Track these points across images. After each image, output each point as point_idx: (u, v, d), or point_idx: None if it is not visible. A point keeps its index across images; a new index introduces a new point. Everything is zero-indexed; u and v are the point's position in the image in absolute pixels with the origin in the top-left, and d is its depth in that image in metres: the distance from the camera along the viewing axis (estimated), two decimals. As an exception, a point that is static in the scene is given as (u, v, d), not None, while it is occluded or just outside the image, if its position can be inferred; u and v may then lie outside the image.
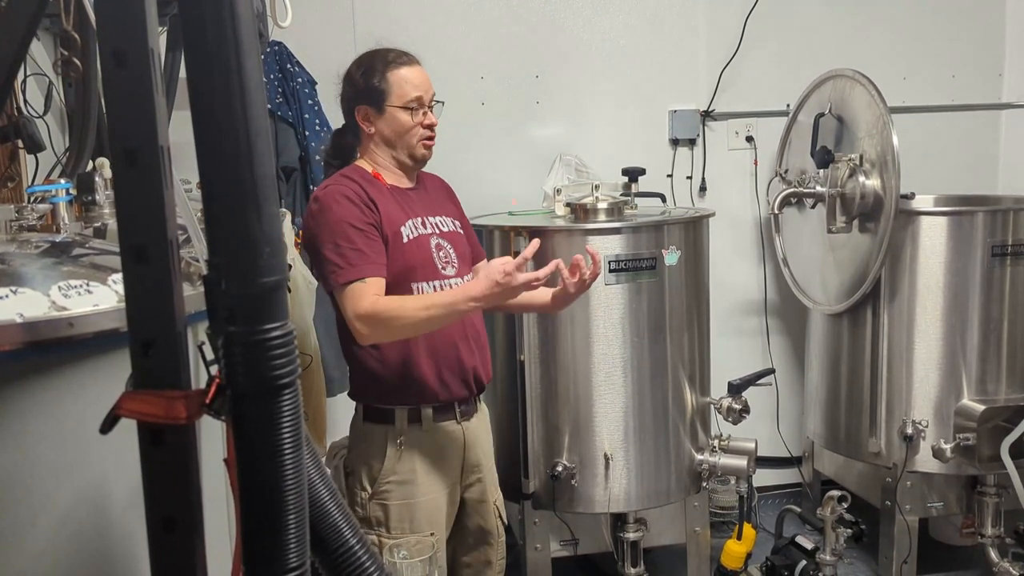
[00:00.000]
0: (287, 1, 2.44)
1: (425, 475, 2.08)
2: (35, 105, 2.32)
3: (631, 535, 2.73)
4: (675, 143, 3.51)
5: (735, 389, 2.84)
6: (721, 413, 2.85)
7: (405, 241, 2.03)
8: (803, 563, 2.88)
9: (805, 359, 3.43)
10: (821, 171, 3.04)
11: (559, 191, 2.89)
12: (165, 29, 2.20)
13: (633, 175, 2.99)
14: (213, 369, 0.88)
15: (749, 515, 3.06)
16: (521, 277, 1.83)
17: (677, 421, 2.72)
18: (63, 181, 1.70)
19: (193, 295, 1.09)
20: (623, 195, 2.92)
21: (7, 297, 1.08)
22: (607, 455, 2.63)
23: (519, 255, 1.85)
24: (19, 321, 1.05)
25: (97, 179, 1.71)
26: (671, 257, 2.65)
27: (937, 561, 3.16)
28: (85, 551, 1.16)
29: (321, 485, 1.07)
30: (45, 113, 2.36)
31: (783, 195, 3.09)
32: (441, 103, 2.12)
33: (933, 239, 2.86)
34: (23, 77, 2.18)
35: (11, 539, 1.09)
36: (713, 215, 2.90)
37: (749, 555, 2.99)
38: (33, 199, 1.72)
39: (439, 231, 2.12)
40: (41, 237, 1.45)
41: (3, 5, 1.51)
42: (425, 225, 2.09)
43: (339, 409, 2.48)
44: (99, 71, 0.89)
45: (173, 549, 0.89)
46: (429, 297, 1.98)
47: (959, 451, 2.80)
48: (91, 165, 1.96)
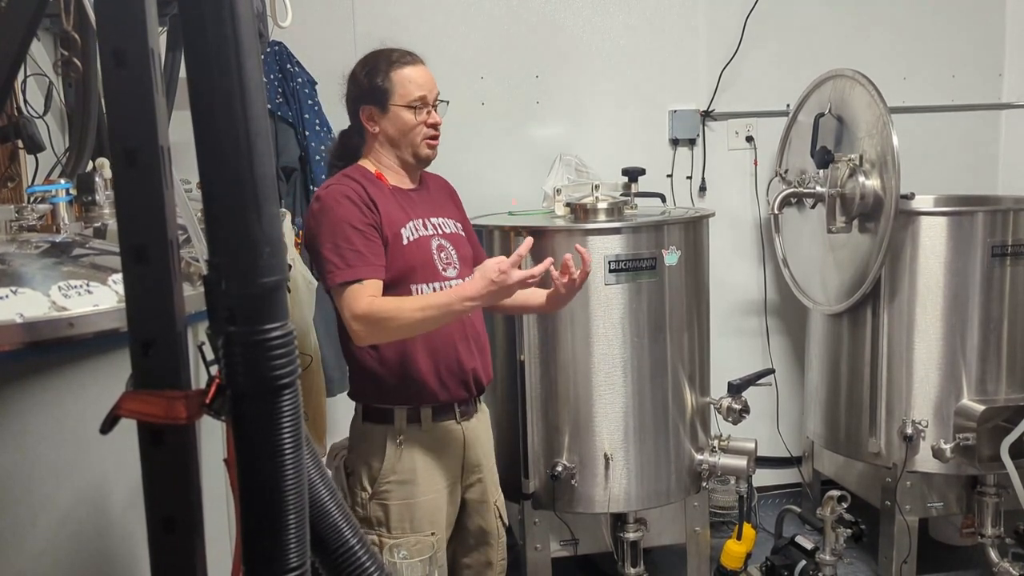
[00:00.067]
0: (287, 1, 2.44)
1: (425, 475, 2.08)
2: (35, 105, 2.32)
3: (631, 535, 2.73)
4: (675, 143, 3.51)
5: (735, 389, 2.84)
6: (721, 413, 2.85)
7: (405, 243, 2.03)
8: (803, 563, 2.88)
9: (805, 359, 3.43)
10: (821, 171, 3.04)
11: (559, 191, 2.89)
12: (165, 29, 2.20)
13: (633, 175, 2.99)
14: (213, 369, 0.88)
15: (749, 515, 3.06)
16: (516, 275, 1.83)
17: (677, 421, 2.72)
18: (63, 181, 1.70)
19: (193, 295, 1.09)
20: (623, 195, 2.92)
21: (7, 297, 1.08)
22: (607, 455, 2.63)
23: (514, 253, 1.85)
24: (19, 321, 1.05)
25: (97, 179, 1.70)
26: (671, 257, 2.65)
27: (937, 561, 3.16)
28: (85, 551, 1.16)
29: (321, 485, 1.07)
30: (45, 113, 2.35)
31: (783, 195, 3.09)
32: (446, 103, 2.12)
33: (933, 239, 2.86)
34: (23, 77, 2.18)
35: (11, 539, 1.09)
36: (713, 215, 2.90)
37: (749, 555, 2.99)
38: (33, 199, 1.71)
39: (441, 232, 2.12)
40: (41, 237, 1.45)
41: (3, 5, 1.51)
42: (427, 226, 2.09)
43: (339, 409, 2.48)
44: (99, 71, 0.89)
45: (173, 549, 0.89)
46: (425, 298, 1.97)
47: (959, 451, 2.80)
48: (91, 165, 1.96)
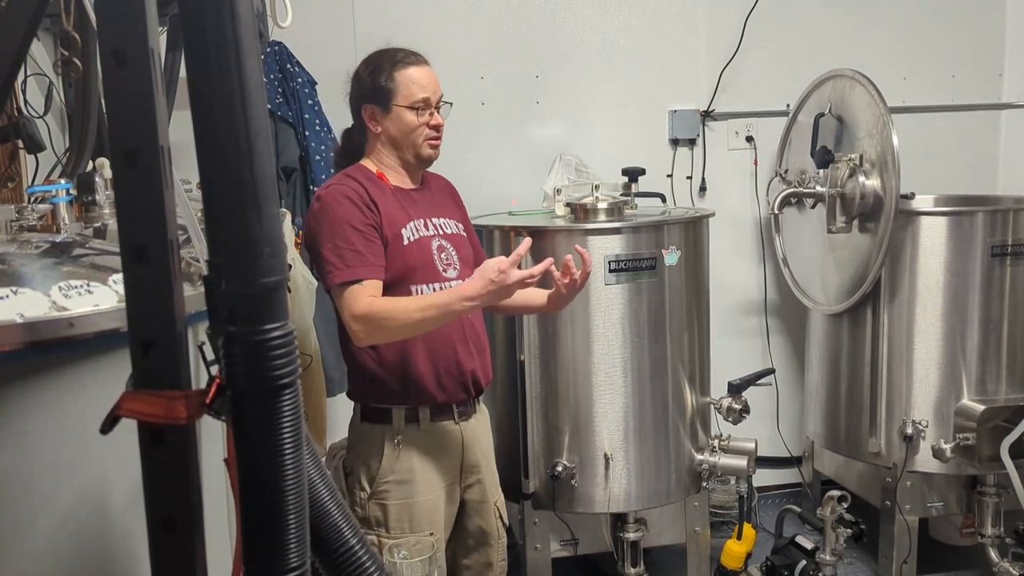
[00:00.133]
0: (287, 1, 2.44)
1: (423, 475, 2.08)
2: (35, 105, 2.32)
3: (631, 535, 2.73)
4: (675, 143, 3.51)
5: (735, 389, 2.84)
6: (721, 413, 2.85)
7: (406, 243, 2.03)
8: (803, 563, 2.88)
9: (805, 359, 3.43)
10: (821, 171, 3.04)
11: (559, 191, 2.89)
12: (165, 29, 2.20)
13: (633, 175, 2.99)
14: (213, 369, 0.88)
15: (749, 515, 3.06)
16: (515, 275, 1.82)
17: (677, 421, 2.72)
18: (63, 181, 1.69)
19: (193, 295, 1.09)
20: (623, 195, 2.91)
21: (7, 297, 1.08)
22: (607, 455, 2.63)
23: (513, 252, 1.85)
24: (19, 321, 1.05)
25: (97, 179, 1.70)
26: (671, 257, 2.65)
27: (937, 561, 3.16)
28: (85, 551, 1.16)
29: (321, 485, 1.07)
30: (45, 113, 2.35)
31: (783, 195, 3.09)
32: (449, 104, 2.12)
33: (933, 239, 2.86)
34: (23, 77, 2.18)
35: (11, 539, 1.09)
36: (713, 215, 2.90)
37: (749, 555, 2.99)
38: (33, 199, 1.71)
39: (441, 233, 2.11)
40: (41, 237, 1.45)
41: (3, 5, 1.51)
42: (427, 227, 2.09)
43: (339, 409, 2.48)
44: (99, 71, 0.89)
45: (173, 549, 0.89)
46: (424, 298, 1.97)
47: (959, 451, 2.80)
48: (91, 165, 1.96)
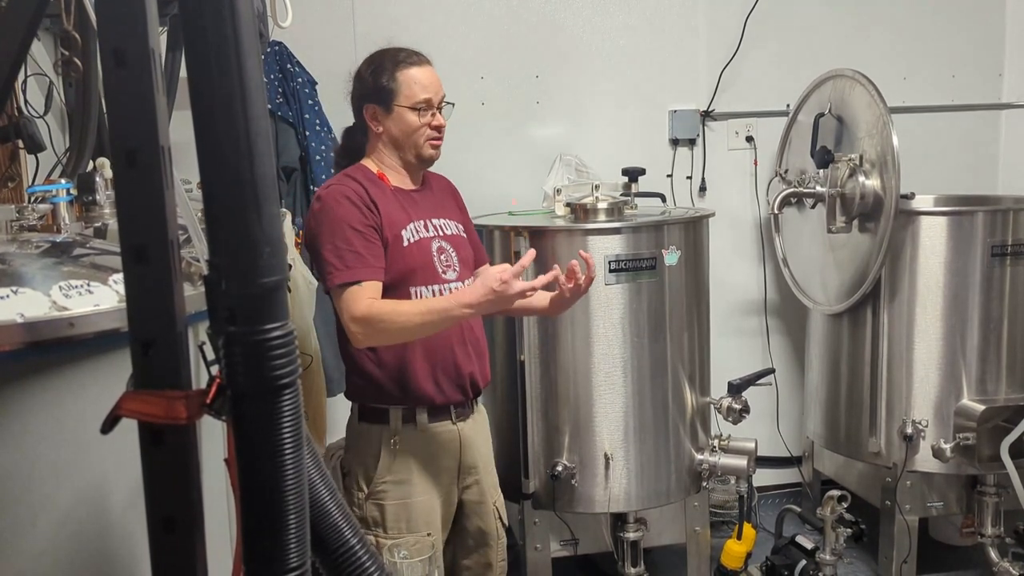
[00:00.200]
0: (287, 1, 2.44)
1: (421, 475, 2.08)
2: (35, 105, 2.32)
3: (631, 535, 2.73)
4: (675, 143, 3.51)
5: (735, 389, 2.84)
6: (721, 413, 2.85)
7: (405, 244, 2.02)
8: (803, 563, 2.88)
9: (805, 359, 3.43)
10: (821, 171, 3.04)
11: (559, 191, 2.89)
12: (165, 29, 2.20)
13: (633, 175, 2.99)
14: (214, 369, 0.88)
15: (749, 515, 3.06)
16: (517, 286, 1.82)
17: (677, 421, 2.72)
18: (63, 181, 1.69)
19: (193, 295, 1.09)
20: (623, 195, 2.91)
21: (8, 297, 1.08)
22: (607, 455, 2.63)
23: (517, 263, 1.84)
24: (20, 321, 1.05)
25: (97, 179, 1.70)
26: (671, 257, 2.65)
27: (937, 561, 3.16)
28: (85, 551, 1.16)
29: (321, 485, 1.07)
30: (45, 113, 2.36)
31: (783, 195, 3.09)
32: (451, 104, 2.12)
33: (933, 239, 2.86)
34: (24, 77, 2.18)
35: (11, 539, 1.09)
36: (713, 215, 2.90)
37: (749, 555, 2.99)
38: (33, 199, 1.71)
39: (442, 234, 2.11)
40: (42, 237, 1.45)
41: (3, 5, 1.51)
42: (427, 228, 2.09)
43: (339, 409, 2.48)
44: (99, 71, 0.89)
45: (173, 549, 0.89)
46: (424, 302, 1.97)
47: (959, 451, 2.80)
48: (91, 165, 1.96)
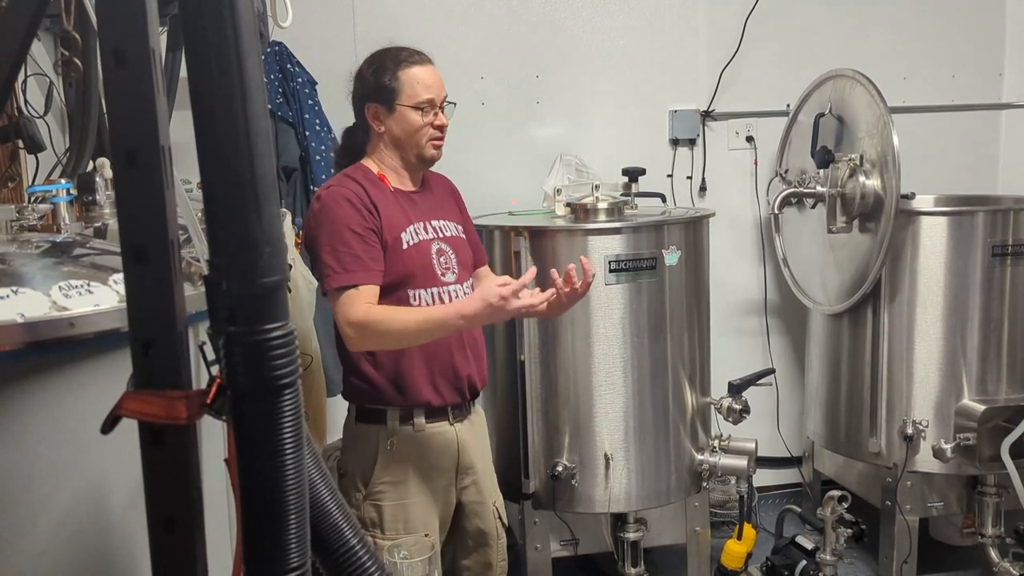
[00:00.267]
0: (287, 1, 2.44)
1: (418, 477, 2.08)
2: (35, 105, 2.32)
3: (631, 535, 2.73)
4: (675, 143, 3.51)
5: (735, 389, 2.84)
6: (721, 413, 2.84)
7: (405, 247, 2.02)
8: (803, 563, 2.88)
9: (805, 359, 3.43)
10: (821, 171, 3.04)
11: (559, 191, 2.89)
12: (165, 29, 2.20)
13: (633, 175, 2.99)
14: (214, 369, 0.88)
15: (749, 515, 3.06)
16: (515, 304, 1.83)
17: (677, 421, 2.72)
18: (63, 181, 1.70)
19: (193, 295, 1.09)
20: (623, 195, 2.91)
21: (8, 297, 1.08)
22: (607, 455, 2.63)
23: (518, 281, 1.84)
24: (20, 321, 1.05)
25: (97, 179, 1.71)
26: (671, 257, 2.65)
27: (937, 561, 3.16)
28: (85, 551, 1.16)
29: (322, 485, 1.07)
30: (46, 113, 2.36)
31: (783, 195, 3.09)
32: (453, 104, 2.11)
33: (933, 239, 2.86)
34: (24, 77, 2.18)
35: (11, 539, 1.09)
36: (713, 215, 2.89)
37: (749, 555, 2.99)
38: (34, 199, 1.72)
39: (441, 235, 2.11)
40: (42, 237, 1.45)
41: (3, 5, 1.51)
42: (427, 230, 2.08)
43: (339, 409, 2.47)
44: (100, 71, 0.89)
45: (173, 549, 0.89)
46: (421, 311, 1.96)
47: (959, 451, 2.80)
48: (91, 165, 1.96)
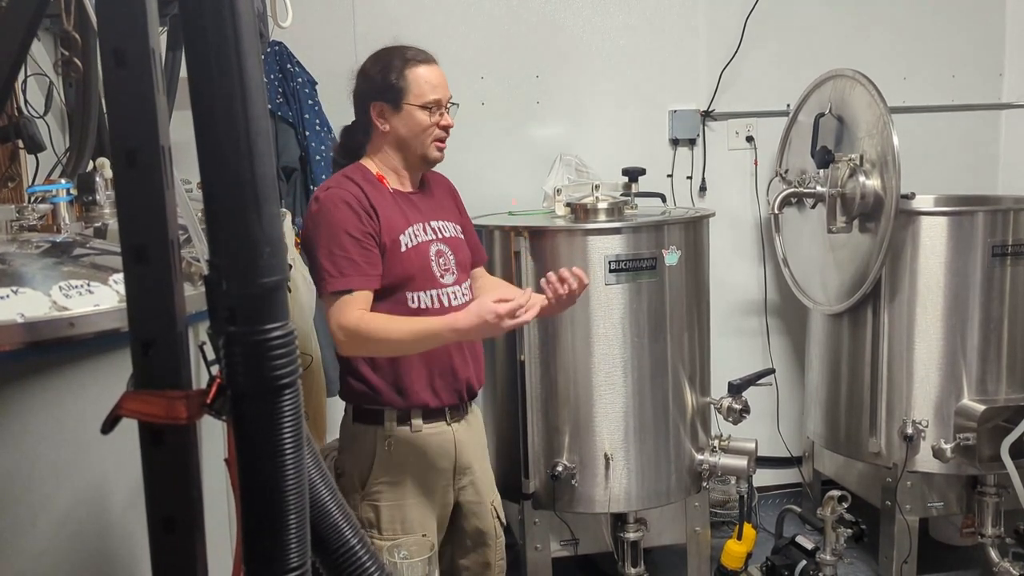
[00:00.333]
0: (287, 1, 2.44)
1: (415, 476, 2.07)
2: (35, 105, 2.32)
3: (631, 535, 2.73)
4: (675, 143, 3.51)
5: (735, 389, 2.84)
6: (721, 413, 2.84)
7: (403, 250, 2.01)
8: (803, 563, 2.88)
9: (805, 359, 3.43)
10: (821, 171, 3.04)
11: (559, 191, 2.89)
12: (165, 29, 2.20)
13: (633, 175, 2.99)
14: (214, 369, 0.88)
15: (749, 515, 3.06)
16: (508, 323, 1.83)
17: (677, 421, 2.72)
18: (63, 181, 1.70)
19: (194, 295, 1.09)
20: (623, 195, 2.91)
21: (8, 297, 1.08)
22: (607, 455, 2.63)
23: (515, 303, 1.84)
24: (20, 321, 1.05)
25: (98, 179, 1.71)
26: (671, 257, 2.65)
27: (937, 561, 3.16)
28: (85, 551, 1.16)
29: (322, 485, 1.07)
30: (46, 113, 2.36)
31: (783, 195, 3.09)
32: (456, 105, 2.11)
33: (933, 239, 2.86)
34: (24, 77, 2.18)
35: (11, 539, 1.09)
36: (713, 215, 2.89)
37: (749, 555, 2.99)
38: (34, 199, 1.72)
39: (440, 236, 2.11)
40: (42, 237, 1.45)
41: (3, 5, 1.51)
42: (426, 231, 2.08)
43: (339, 409, 2.47)
44: (99, 71, 0.89)
45: (173, 549, 0.89)
46: (415, 322, 1.95)
47: (959, 451, 2.80)
48: (91, 165, 1.96)
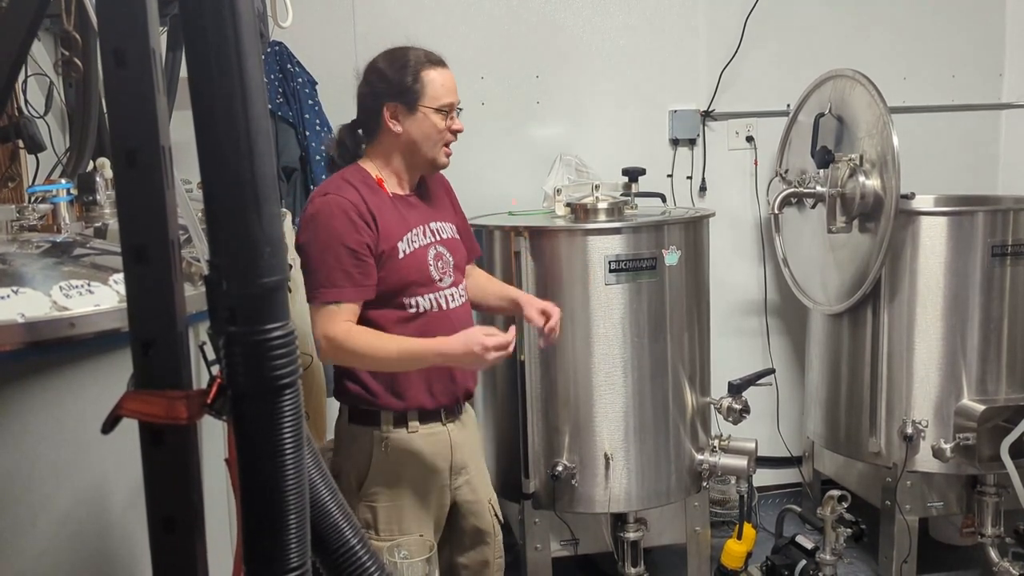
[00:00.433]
0: (287, 1, 2.44)
1: (412, 478, 2.07)
2: (36, 105, 2.32)
3: (631, 535, 2.73)
4: (675, 143, 3.51)
5: (735, 389, 2.84)
6: (721, 413, 2.84)
7: (401, 256, 2.01)
8: (803, 563, 2.88)
9: (805, 359, 3.43)
10: (821, 171, 3.04)
11: (559, 191, 2.89)
12: (165, 29, 2.20)
13: (633, 175, 2.99)
14: (214, 369, 0.88)
15: (749, 515, 3.06)
16: (494, 355, 1.86)
17: (677, 421, 2.72)
18: (64, 181, 1.70)
19: (194, 295, 1.09)
20: (623, 195, 2.91)
21: (8, 297, 1.08)
22: (607, 455, 2.63)
23: (505, 338, 1.87)
24: (20, 321, 1.05)
25: (98, 179, 1.71)
26: (671, 257, 2.65)
27: (937, 561, 3.16)
28: (85, 551, 1.16)
29: (322, 485, 1.07)
30: (46, 113, 2.36)
31: (783, 195, 3.09)
32: (461, 109, 2.10)
33: (933, 239, 2.86)
34: (24, 77, 2.18)
35: (11, 539, 1.09)
36: (713, 215, 2.89)
37: (749, 555, 2.99)
38: (34, 199, 1.72)
39: (439, 238, 2.10)
40: (42, 237, 1.45)
41: (3, 5, 1.51)
42: (425, 234, 2.08)
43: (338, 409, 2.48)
44: (100, 71, 0.89)
45: (173, 549, 0.89)
46: (401, 343, 1.95)
47: (959, 451, 2.80)
48: (92, 165, 1.96)
